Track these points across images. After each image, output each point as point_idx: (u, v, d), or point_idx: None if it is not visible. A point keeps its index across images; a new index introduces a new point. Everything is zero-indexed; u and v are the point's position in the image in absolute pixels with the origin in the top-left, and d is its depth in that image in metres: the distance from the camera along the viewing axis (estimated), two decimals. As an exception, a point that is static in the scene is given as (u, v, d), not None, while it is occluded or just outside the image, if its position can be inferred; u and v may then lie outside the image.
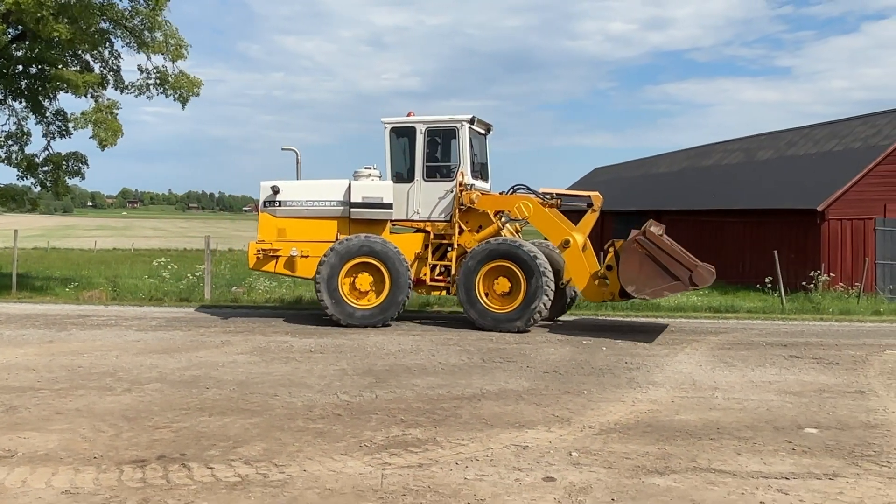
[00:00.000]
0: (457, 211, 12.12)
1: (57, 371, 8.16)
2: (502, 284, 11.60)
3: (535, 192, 12.43)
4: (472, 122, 12.34)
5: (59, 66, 16.27)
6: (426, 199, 12.31)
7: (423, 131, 12.39)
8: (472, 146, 12.50)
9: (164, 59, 17.18)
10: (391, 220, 12.52)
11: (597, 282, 11.67)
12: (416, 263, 12.29)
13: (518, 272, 11.43)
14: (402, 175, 12.54)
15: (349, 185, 12.44)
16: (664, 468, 5.15)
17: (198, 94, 17.42)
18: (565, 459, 5.32)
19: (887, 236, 23.28)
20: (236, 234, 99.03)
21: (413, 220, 12.49)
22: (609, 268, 11.58)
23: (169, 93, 17.22)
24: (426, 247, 12.34)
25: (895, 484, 4.92)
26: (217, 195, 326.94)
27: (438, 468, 5.09)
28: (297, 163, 13.48)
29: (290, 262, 12.42)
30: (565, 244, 11.71)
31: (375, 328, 11.64)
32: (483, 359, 9.28)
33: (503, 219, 12.49)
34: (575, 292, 12.63)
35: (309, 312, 13.77)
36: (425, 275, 12.27)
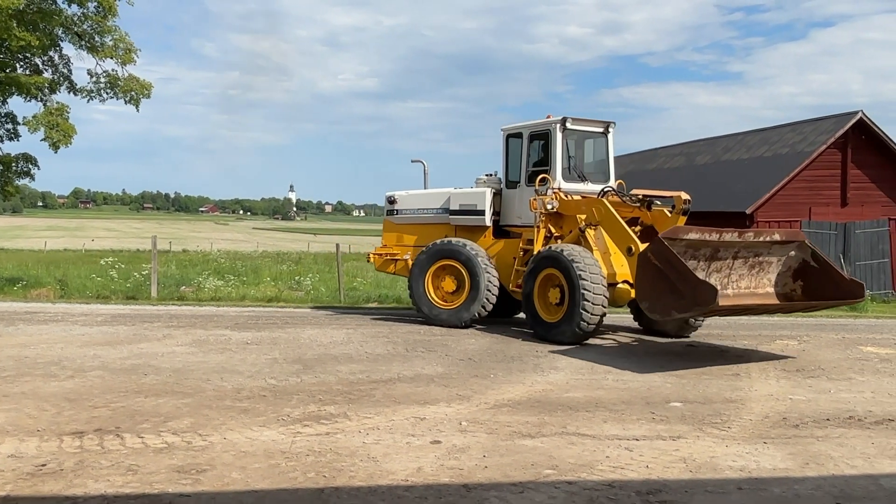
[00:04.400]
0: (538, 216, 11.86)
1: (4, 361, 8.72)
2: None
3: (624, 194, 11.78)
4: (563, 122, 12.07)
5: (8, 70, 16.63)
6: (526, 204, 12.23)
7: (527, 136, 12.52)
8: (566, 148, 12.27)
9: (115, 63, 17.65)
10: (506, 227, 12.77)
11: None
12: (512, 269, 12.28)
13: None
14: (514, 181, 12.75)
15: (450, 193, 13.29)
16: (537, 433, 6.02)
17: (148, 97, 17.93)
18: (455, 428, 6.15)
19: (812, 238, 24.75)
20: (192, 234, 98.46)
21: (517, 226, 12.56)
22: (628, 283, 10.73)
23: (120, 96, 17.69)
24: (525, 252, 12.22)
25: (725, 443, 5.86)
26: (173, 195, 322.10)
27: (342, 435, 5.88)
28: (425, 174, 14.57)
29: (405, 266, 13.43)
30: (628, 252, 10.70)
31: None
32: (406, 349, 10.09)
33: (583, 223, 11.48)
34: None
35: (251, 311, 14.44)
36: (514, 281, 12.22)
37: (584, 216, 11.41)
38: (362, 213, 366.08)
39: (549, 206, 11.71)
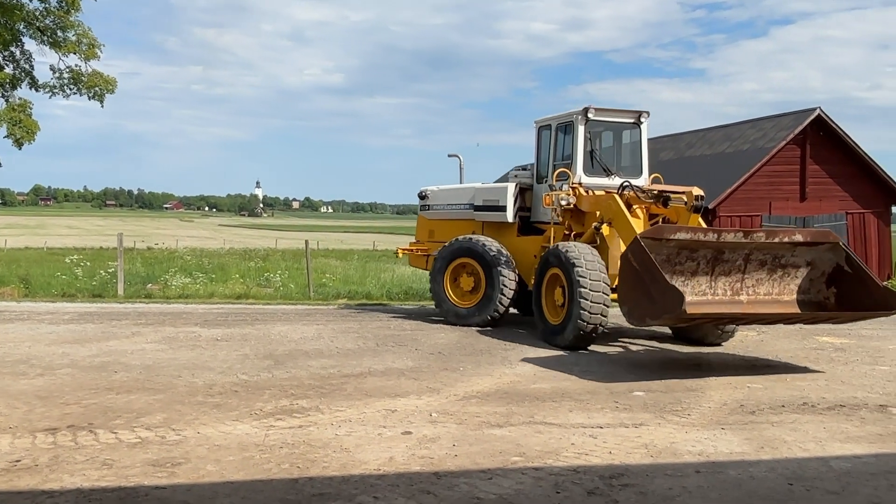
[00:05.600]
0: (554, 212, 11.19)
1: (-30, 360, 8.66)
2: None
3: (641, 190, 10.80)
4: (584, 113, 11.26)
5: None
6: None
7: (555, 128, 11.84)
8: (589, 140, 11.51)
9: (78, 58, 17.47)
10: (536, 223, 12.17)
11: None
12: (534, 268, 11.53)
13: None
14: (542, 175, 12.08)
15: (476, 188, 12.95)
16: (505, 423, 6.21)
17: (113, 92, 17.80)
18: (425, 419, 6.31)
19: (770, 232, 25.42)
20: (157, 232, 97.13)
21: (546, 223, 11.72)
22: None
23: (84, 91, 17.51)
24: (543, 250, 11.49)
25: (684, 429, 6.11)
26: (136, 192, 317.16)
27: (315, 428, 6.00)
28: (461, 168, 14.41)
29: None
30: None
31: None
32: (377, 344, 10.22)
33: (598, 221, 10.83)
34: None
35: (220, 307, 14.44)
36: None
37: (599, 213, 10.79)
38: (330, 210, 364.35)
39: (563, 203, 11.03)
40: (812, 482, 4.90)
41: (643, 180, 11.61)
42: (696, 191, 10.40)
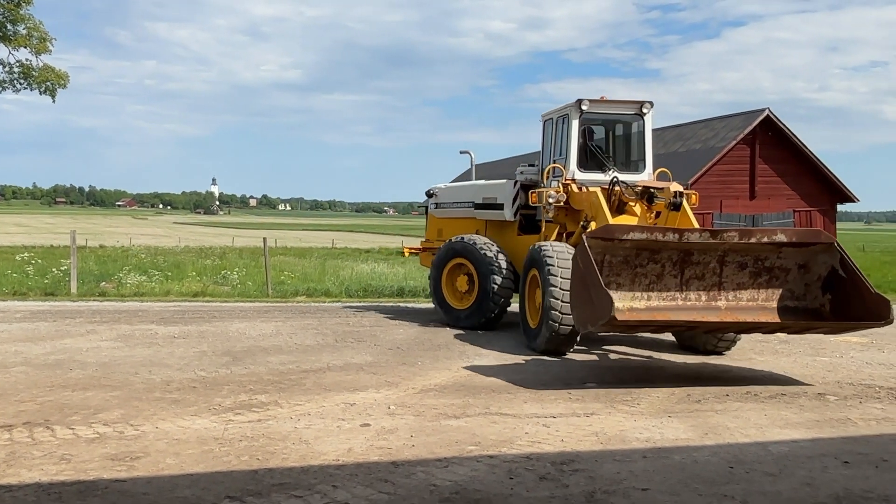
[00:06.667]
0: (545, 209, 10.70)
1: (-81, 359, 8.50)
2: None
3: (624, 185, 10.20)
4: (578, 105, 10.62)
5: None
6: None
7: (555, 122, 11.27)
8: (584, 133, 10.94)
9: (29, 52, 17.13)
10: (539, 221, 11.27)
11: None
12: None
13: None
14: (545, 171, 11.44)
15: (477, 186, 12.61)
16: (461, 414, 6.37)
17: (65, 87, 17.50)
18: (383, 411, 6.43)
19: (720, 229, 26.11)
20: (109, 230, 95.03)
21: (549, 221, 11.00)
22: None
23: (35, 86, 17.18)
24: None
25: (634, 418, 6.35)
26: (87, 189, 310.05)
27: (274, 422, 6.08)
28: (472, 164, 14.12)
29: None
30: None
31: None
32: (336, 339, 10.30)
33: (583, 218, 10.37)
34: None
35: (177, 305, 14.33)
36: None
37: (583, 210, 10.39)
38: (288, 208, 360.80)
39: (551, 200, 10.52)
40: (751, 465, 5.16)
41: (647, 175, 10.96)
42: (675, 186, 9.94)
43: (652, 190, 10.04)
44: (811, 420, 6.42)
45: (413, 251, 14.86)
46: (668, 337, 10.60)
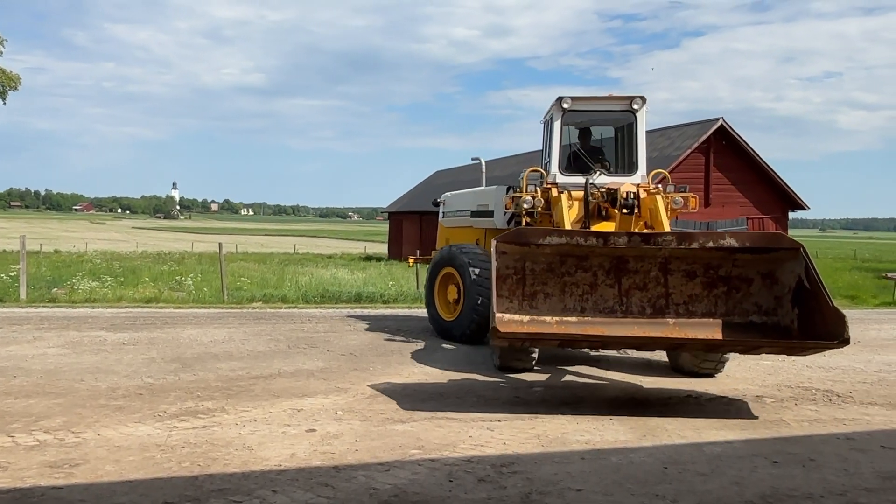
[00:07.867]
0: (521, 215, 9.90)
1: None
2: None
3: (593, 187, 9.47)
4: (559, 103, 9.86)
5: None
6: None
7: (545, 123, 10.44)
8: (566, 133, 10.27)
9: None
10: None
11: None
12: None
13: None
14: None
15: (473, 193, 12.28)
16: (408, 419, 6.43)
17: (16, 89, 17.22)
18: (330, 417, 6.47)
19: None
20: (65, 234, 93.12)
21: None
22: None
23: (-17, 88, 16.82)
24: None
25: (576, 421, 6.47)
26: (43, 193, 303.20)
27: (219, 428, 6.07)
28: (482, 171, 13.77)
29: None
30: None
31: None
32: (289, 346, 10.28)
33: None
34: None
35: (129, 311, 14.16)
36: None
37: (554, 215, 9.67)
38: (251, 212, 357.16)
39: (525, 205, 9.68)
40: (685, 465, 5.32)
41: (640, 177, 9.98)
42: (627, 187, 9.11)
43: (614, 191, 9.19)
44: (746, 422, 6.63)
45: (418, 260, 14.70)
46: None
